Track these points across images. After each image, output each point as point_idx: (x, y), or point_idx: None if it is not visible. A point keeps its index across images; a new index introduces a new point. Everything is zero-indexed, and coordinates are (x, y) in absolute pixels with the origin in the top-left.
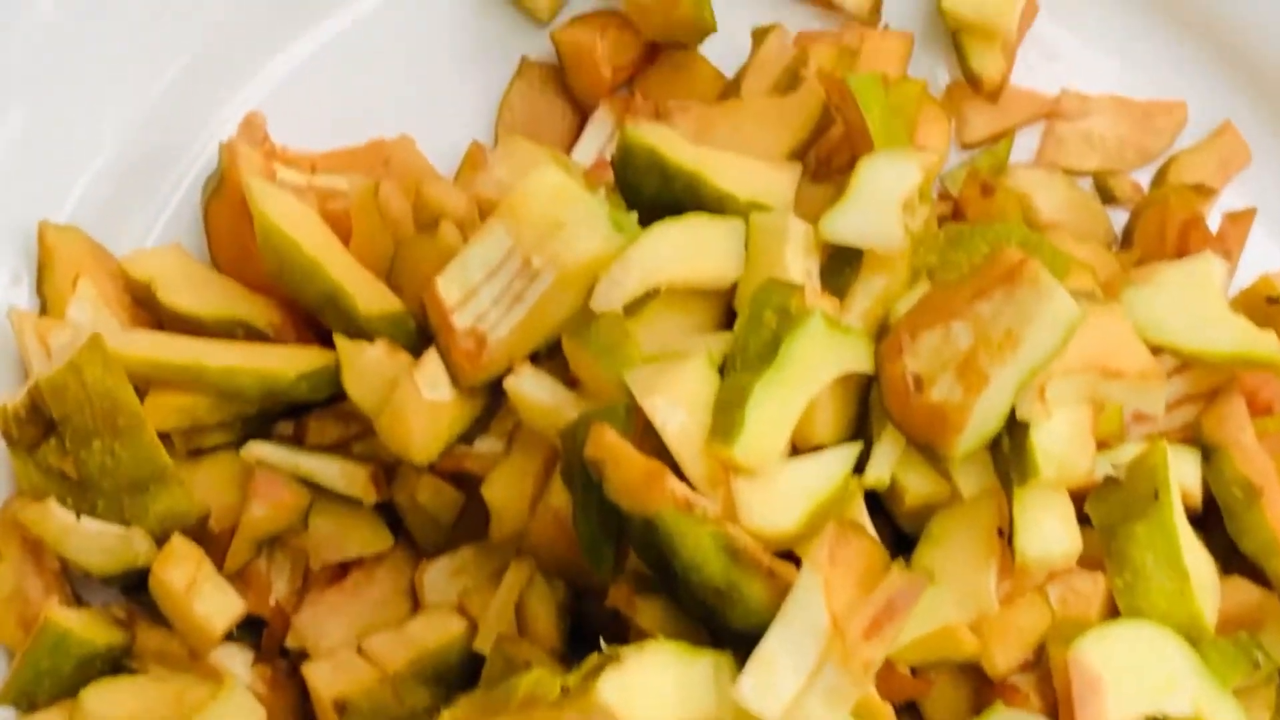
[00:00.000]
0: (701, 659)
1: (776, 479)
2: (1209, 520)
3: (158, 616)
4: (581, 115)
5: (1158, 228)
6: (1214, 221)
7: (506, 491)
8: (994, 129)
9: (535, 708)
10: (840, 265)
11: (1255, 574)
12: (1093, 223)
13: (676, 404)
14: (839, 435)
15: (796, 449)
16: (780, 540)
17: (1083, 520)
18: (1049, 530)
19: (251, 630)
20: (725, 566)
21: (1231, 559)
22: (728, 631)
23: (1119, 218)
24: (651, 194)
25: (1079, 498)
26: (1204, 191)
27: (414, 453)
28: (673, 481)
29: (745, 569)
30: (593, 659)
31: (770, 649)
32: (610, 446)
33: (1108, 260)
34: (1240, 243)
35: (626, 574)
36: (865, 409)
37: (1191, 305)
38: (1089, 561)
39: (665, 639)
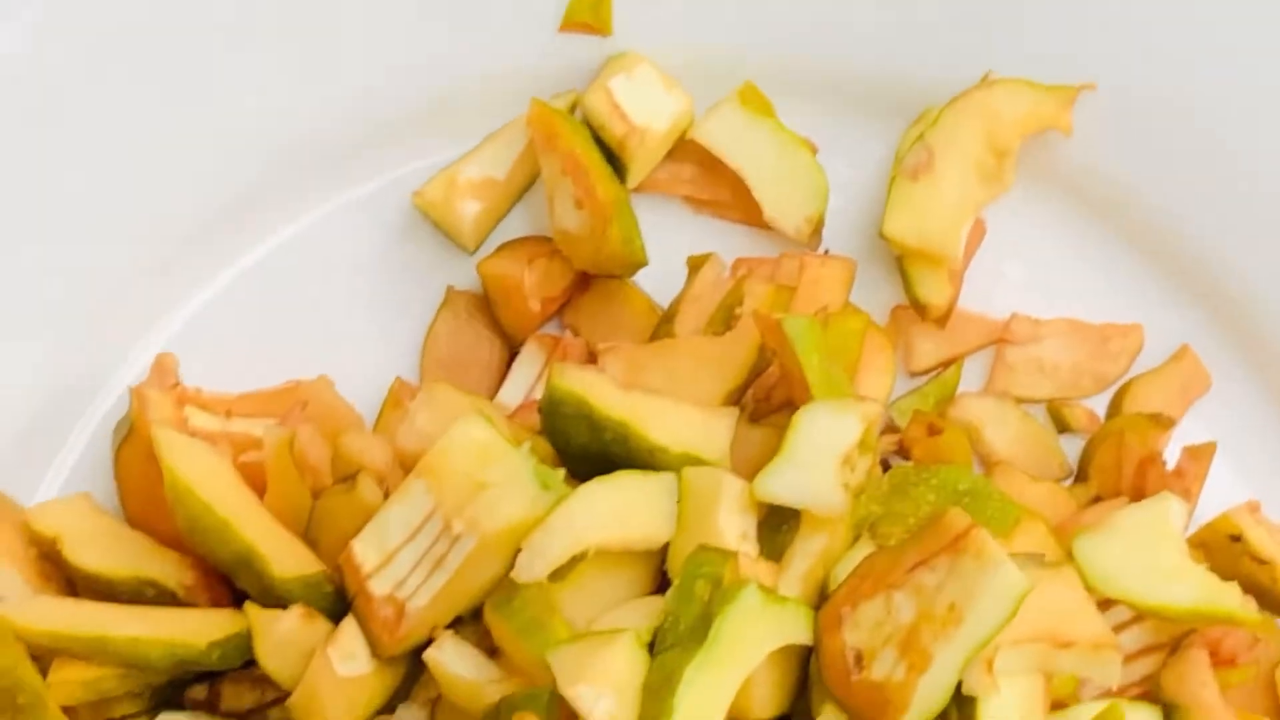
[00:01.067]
0: None
1: None
2: None
3: None
4: (510, 348)
5: (1114, 463)
6: (1173, 449)
7: None
8: (942, 356)
9: None
10: (778, 522)
11: None
12: (1046, 457)
13: (602, 691)
14: (777, 709)
15: None
16: None
17: None
18: None
19: None
20: None
21: None
22: None
23: (1073, 443)
24: (580, 443)
25: None
26: (1162, 422)
27: None
28: None
29: None
30: None
31: None
32: None
33: (1061, 500)
34: (1200, 479)
35: None
36: (805, 678)
37: (1149, 555)
38: None
39: None
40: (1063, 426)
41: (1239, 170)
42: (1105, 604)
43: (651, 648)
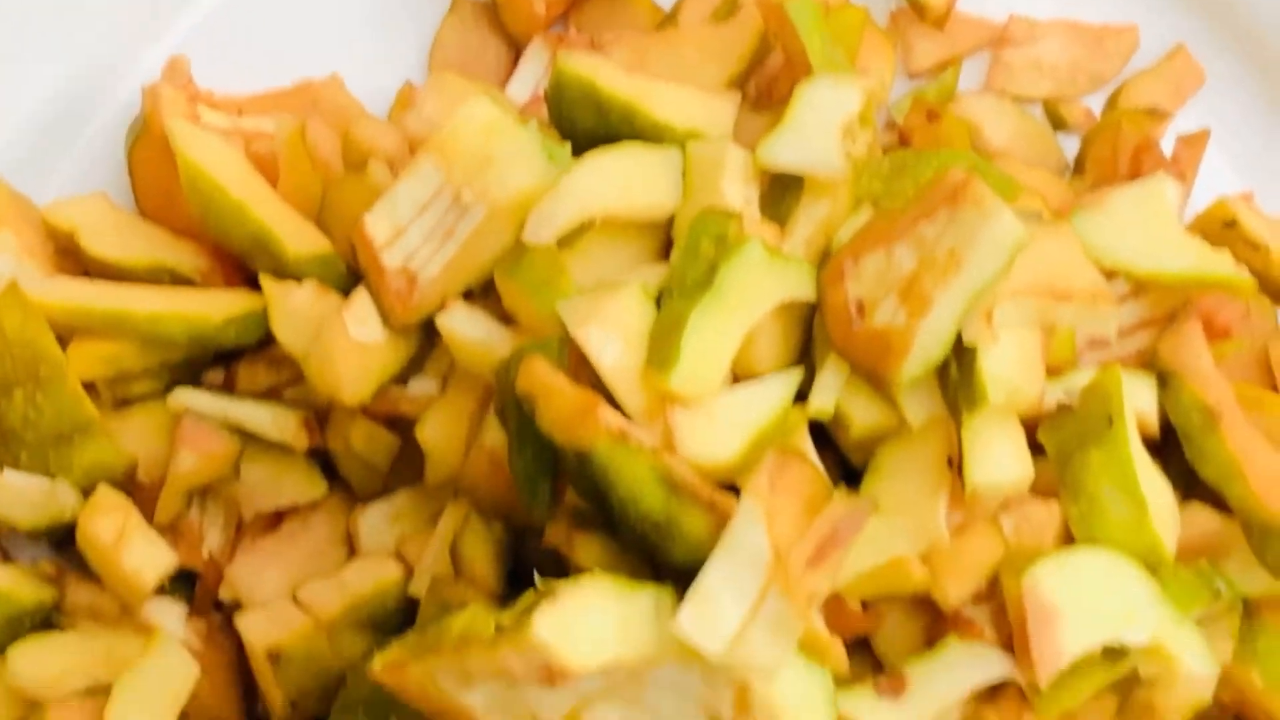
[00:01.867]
0: (641, 593)
1: (715, 408)
2: (1167, 447)
3: (88, 571)
4: (516, 52)
5: (1110, 153)
6: (1168, 145)
7: (441, 432)
8: (940, 57)
9: (469, 647)
10: (781, 193)
11: (1216, 501)
12: (1043, 151)
13: (611, 334)
14: (781, 365)
15: (738, 381)
16: (720, 471)
17: (1036, 449)
18: (999, 457)
19: (185, 584)
20: (663, 499)
21: (1191, 486)
22: (669, 566)
23: (1071, 145)
24: (587, 127)
25: (1031, 426)
26: (1157, 115)
27: (344, 394)
28: (607, 413)
29: (684, 501)
30: (528, 596)
31: (711, 581)
32: (542, 379)
33: (1059, 187)
34: (1194, 165)
35: (564, 511)
36: (809, 338)
37: (1144, 228)
38: (1043, 491)
39: (603, 574)
40: (1059, 124)
41: None
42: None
43: (658, 306)
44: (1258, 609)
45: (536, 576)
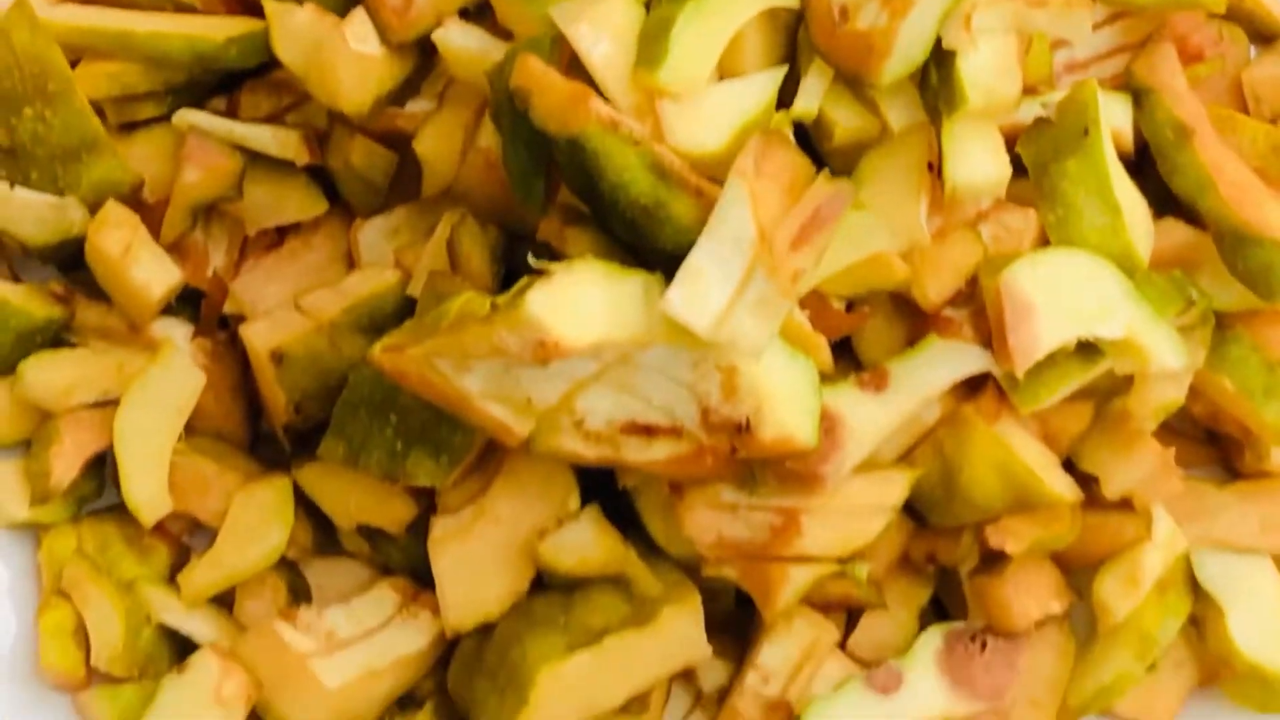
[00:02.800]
0: (631, 278)
1: (703, 102)
2: (1142, 170)
3: (96, 293)
4: None
5: None
6: None
7: (438, 143)
8: None
9: (466, 326)
10: None
11: (1189, 219)
12: None
13: (601, 32)
14: (765, 65)
15: None
16: (708, 161)
17: (1017, 170)
18: (977, 158)
19: (190, 307)
20: (652, 185)
21: (1165, 206)
22: (658, 256)
23: None
24: None
25: (1010, 141)
26: None
27: (343, 103)
28: (597, 102)
29: (672, 187)
30: (523, 280)
31: (698, 261)
32: (535, 73)
33: None
34: None
35: (556, 207)
36: (794, 51)
37: None
38: (1021, 204)
39: (595, 259)
40: None
41: None
42: None
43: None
44: (1230, 321)
45: (531, 258)
